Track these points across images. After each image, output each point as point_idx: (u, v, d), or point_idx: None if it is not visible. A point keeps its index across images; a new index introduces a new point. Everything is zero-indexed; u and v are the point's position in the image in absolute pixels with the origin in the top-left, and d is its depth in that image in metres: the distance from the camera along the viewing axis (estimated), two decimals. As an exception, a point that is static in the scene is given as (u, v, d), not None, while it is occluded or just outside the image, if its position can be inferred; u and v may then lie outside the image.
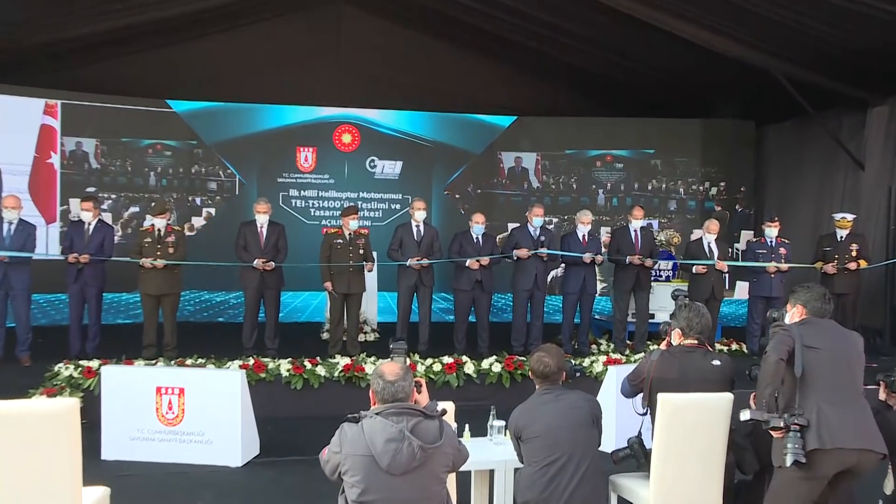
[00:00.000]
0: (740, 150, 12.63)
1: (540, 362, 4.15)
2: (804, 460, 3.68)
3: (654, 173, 13.02)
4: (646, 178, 13.02)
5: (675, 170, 12.95)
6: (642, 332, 8.84)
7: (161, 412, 5.83)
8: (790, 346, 3.81)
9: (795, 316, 4.12)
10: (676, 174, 12.92)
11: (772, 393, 3.77)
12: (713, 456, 4.14)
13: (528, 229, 8.69)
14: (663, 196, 12.93)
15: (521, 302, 8.67)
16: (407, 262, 8.36)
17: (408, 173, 12.63)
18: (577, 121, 12.88)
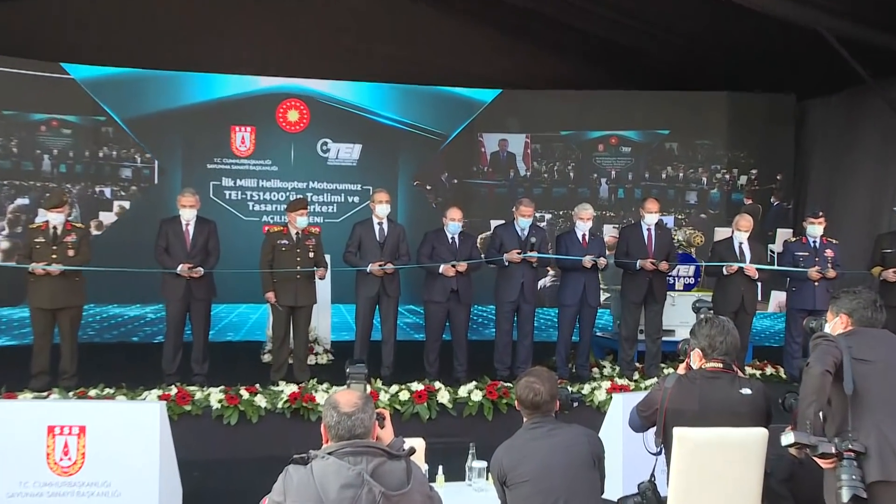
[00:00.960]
0: (776, 129, 12.74)
1: (529, 389, 4.16)
2: (864, 494, 3.66)
3: (669, 159, 13.14)
4: (659, 165, 13.13)
5: (695, 154, 13.08)
6: (655, 352, 8.92)
7: (54, 459, 5.55)
8: (836, 357, 3.82)
9: (838, 327, 4.15)
10: (697, 160, 13.04)
11: (816, 411, 3.73)
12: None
13: (514, 228, 8.73)
14: (681, 187, 13.06)
15: (506, 316, 8.70)
16: (367, 268, 8.37)
17: (368, 159, 12.63)
18: (574, 95, 12.96)
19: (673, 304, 9.33)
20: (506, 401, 7.67)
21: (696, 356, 4.42)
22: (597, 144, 13.18)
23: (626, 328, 8.93)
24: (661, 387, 4.36)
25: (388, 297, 8.50)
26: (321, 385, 7.74)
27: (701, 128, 12.97)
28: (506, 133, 13.11)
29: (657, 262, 8.71)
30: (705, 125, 12.94)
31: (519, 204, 8.83)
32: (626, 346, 8.94)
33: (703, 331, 4.43)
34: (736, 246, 8.89)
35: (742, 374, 4.48)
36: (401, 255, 8.58)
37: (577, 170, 13.18)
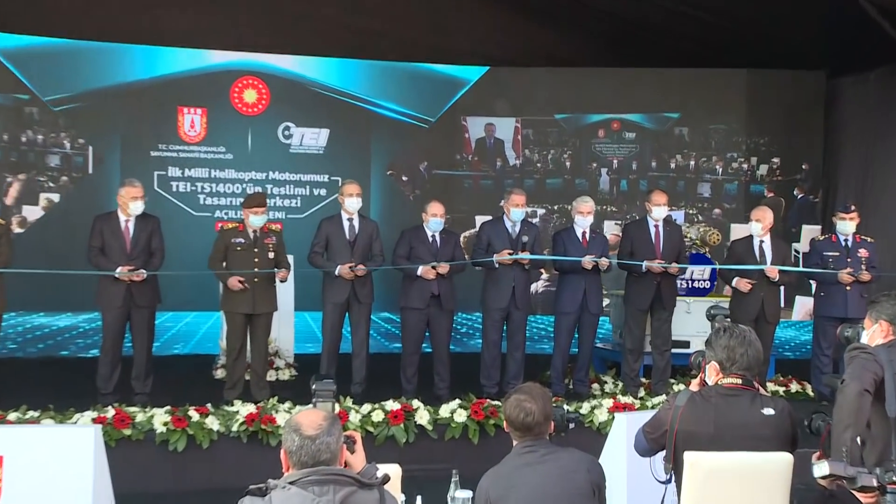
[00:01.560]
0: (803, 112, 12.79)
1: (520, 409, 4.15)
2: None
3: (679, 146, 13.20)
4: (668, 154, 13.19)
5: (708, 141, 13.14)
6: (663, 366, 8.95)
7: (-38, 496, 5.30)
8: (877, 373, 3.81)
9: (878, 336, 4.15)
10: (711, 147, 13.10)
11: (854, 437, 3.72)
12: (763, 541, 4.17)
13: (504, 224, 8.75)
14: (692, 178, 13.12)
15: (495, 325, 8.72)
16: (335, 271, 8.37)
17: (337, 146, 12.62)
18: (571, 74, 12.99)
19: (688, 311, 9.37)
20: (493, 422, 7.66)
21: (712, 370, 4.42)
22: (597, 130, 13.23)
23: (631, 339, 8.95)
24: (672, 405, 4.36)
25: (359, 304, 8.49)
26: (282, 404, 7.71)
27: (716, 110, 13.03)
28: (493, 117, 13.13)
29: (666, 263, 8.73)
30: (721, 107, 12.99)
31: (509, 195, 8.84)
32: (631, 358, 8.96)
33: (720, 341, 4.42)
34: (755, 245, 8.93)
35: (764, 391, 4.48)
36: (374, 256, 8.58)
37: (574, 158, 13.21)
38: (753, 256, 8.87)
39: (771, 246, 8.92)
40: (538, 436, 4.17)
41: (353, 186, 8.60)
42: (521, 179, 12.83)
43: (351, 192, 8.54)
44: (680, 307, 9.19)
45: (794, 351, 11.87)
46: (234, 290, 8.16)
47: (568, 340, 8.88)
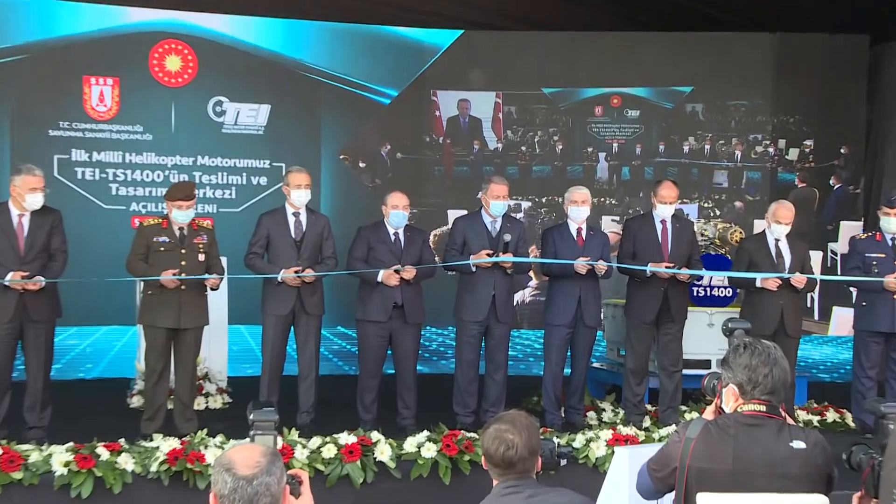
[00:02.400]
0: (842, 84, 12.89)
1: (500, 441, 4.14)
2: None
3: (692, 125, 13.27)
4: (678, 135, 13.25)
5: (727, 120, 13.23)
6: (672, 390, 8.97)
7: None
8: None
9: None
10: (731, 127, 13.19)
11: None
12: None
13: (482, 219, 8.78)
14: (707, 165, 13.21)
15: (471, 342, 8.73)
16: (278, 276, 8.36)
17: (280, 125, 12.59)
18: (562, 39, 13.02)
19: (710, 323, 9.42)
20: (469, 457, 7.63)
21: (730, 395, 4.43)
22: (593, 107, 13.27)
23: (634, 357, 8.97)
24: (682, 437, 4.37)
25: (307, 316, 8.48)
26: (213, 438, 7.65)
27: (737, 83, 13.10)
28: (468, 91, 13.15)
29: (676, 266, 8.76)
30: (743, 79, 13.06)
31: (488, 183, 8.83)
32: (633, 381, 8.97)
33: (739, 360, 4.43)
34: (771, 244, 8.99)
35: (792, 420, 4.50)
36: (325, 258, 8.59)
37: (565, 141, 13.25)
38: (768, 258, 8.93)
39: (788, 245, 9.00)
40: (523, 474, 4.17)
41: (300, 175, 8.58)
42: (502, 166, 12.91)
43: (298, 182, 8.52)
44: (698, 320, 9.26)
45: (830, 372, 11.94)
46: (170, 287, 8.10)
47: (559, 359, 8.89)
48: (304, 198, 8.54)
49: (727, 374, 4.44)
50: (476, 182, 10.68)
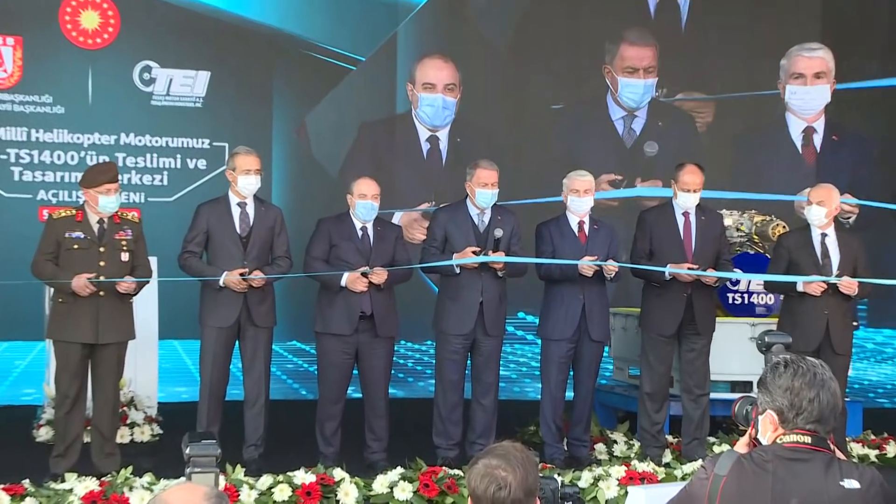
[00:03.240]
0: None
1: (490, 480, 4.12)
2: None
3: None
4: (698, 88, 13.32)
5: (760, 66, 13.25)
6: (698, 418, 9.00)
7: None
8: None
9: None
10: (761, 83, 13.24)
11: None
12: None
13: (467, 211, 8.81)
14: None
15: (454, 359, 8.75)
16: (221, 279, 8.35)
17: (222, 96, 12.52)
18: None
19: (752, 336, 9.40)
20: (452, 499, 7.66)
21: (768, 424, 4.42)
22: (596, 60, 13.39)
23: (651, 378, 8.98)
24: (710, 474, 4.37)
25: (255, 328, 8.49)
26: (140, 478, 7.65)
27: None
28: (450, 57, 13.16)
29: (701, 267, 8.79)
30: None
31: (473, 168, 8.85)
32: (651, 407, 8.99)
33: (778, 382, 4.42)
34: (815, 239, 8.98)
35: (844, 454, 4.49)
36: (277, 258, 8.60)
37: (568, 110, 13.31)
38: (811, 257, 8.93)
39: (837, 241, 8.97)
40: (516, 520, 4.16)
41: (247, 157, 8.57)
42: (491, 147, 12.79)
43: (245, 167, 8.50)
44: (734, 333, 9.29)
45: (891, 397, 11.96)
46: (85, 294, 8.06)
47: (561, 380, 8.90)
48: (252, 185, 8.53)
49: (764, 399, 4.43)
50: (460, 166, 10.60)
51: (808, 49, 13.55)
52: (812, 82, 13.65)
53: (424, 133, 13.21)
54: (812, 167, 13.67)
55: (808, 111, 13.75)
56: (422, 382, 11.32)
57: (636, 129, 13.68)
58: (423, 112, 13.08)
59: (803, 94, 13.67)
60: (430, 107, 13.10)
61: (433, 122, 13.12)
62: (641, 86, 13.51)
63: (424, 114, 13.08)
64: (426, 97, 13.08)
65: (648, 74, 13.51)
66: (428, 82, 13.08)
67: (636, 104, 13.53)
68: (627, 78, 13.51)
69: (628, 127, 13.65)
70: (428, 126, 13.16)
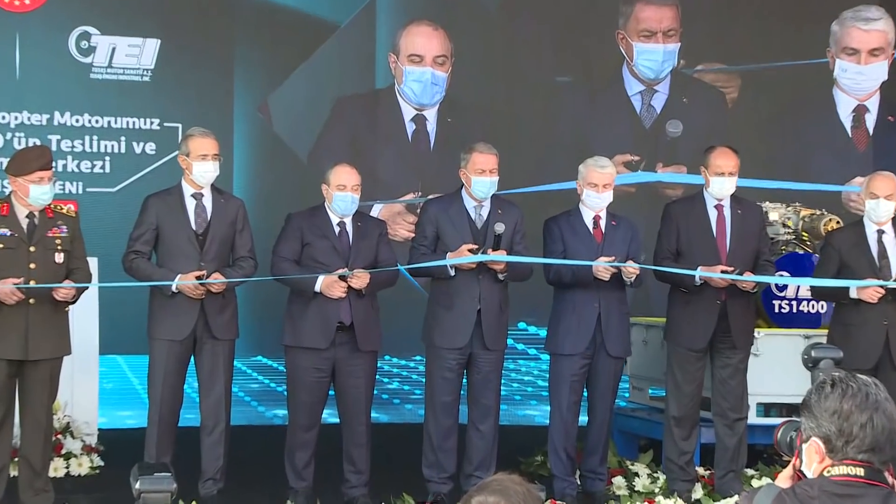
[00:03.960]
0: None
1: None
2: None
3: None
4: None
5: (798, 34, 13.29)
6: (734, 447, 8.99)
7: None
8: None
9: None
10: (803, 51, 13.30)
11: None
12: None
13: (462, 203, 8.83)
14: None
15: (448, 377, 8.74)
16: (173, 284, 8.32)
17: (175, 69, 12.49)
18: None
19: (761, 353, 9.41)
20: (445, 542, 7.66)
21: (814, 453, 4.40)
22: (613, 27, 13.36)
23: (679, 400, 8.98)
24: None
25: (213, 342, 8.47)
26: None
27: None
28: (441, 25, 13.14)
29: (735, 270, 8.76)
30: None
31: (469, 153, 8.83)
32: (679, 433, 8.98)
33: (826, 404, 4.39)
34: (871, 237, 8.98)
35: (908, 489, 4.50)
36: (239, 259, 8.60)
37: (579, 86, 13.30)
38: (865, 257, 8.91)
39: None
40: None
41: (203, 140, 8.56)
42: (488, 129, 12.77)
43: (202, 151, 8.49)
44: (780, 347, 9.30)
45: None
46: (10, 303, 8.03)
47: (573, 402, 8.89)
48: (209, 173, 8.52)
49: (809, 424, 4.40)
50: (453, 152, 10.58)
51: (865, 18, 13.31)
52: (867, 60, 13.43)
53: (409, 112, 13.11)
54: (864, 152, 13.57)
55: (861, 91, 13.60)
56: (409, 405, 11.31)
57: (656, 107, 13.49)
58: (409, 88, 13.01)
59: (855, 73, 13.49)
60: (416, 82, 13.02)
61: (420, 99, 13.04)
62: (660, 52, 13.28)
63: (410, 90, 13.01)
64: (412, 70, 13.01)
65: (668, 39, 13.28)
66: (414, 53, 13.00)
67: (655, 75, 13.32)
68: (644, 43, 13.27)
69: (647, 103, 13.48)
70: (414, 104, 13.06)
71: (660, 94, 13.46)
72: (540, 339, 10.77)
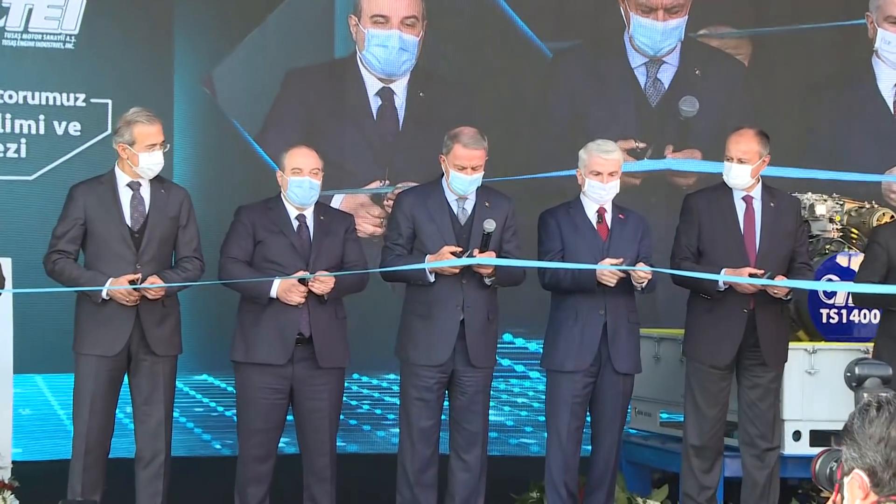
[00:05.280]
0: None
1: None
2: None
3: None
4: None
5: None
6: (764, 480, 8.99)
7: None
8: None
9: None
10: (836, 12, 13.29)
11: None
12: None
13: (443, 195, 8.85)
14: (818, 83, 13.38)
15: (426, 398, 8.74)
16: (103, 289, 8.25)
17: (104, 35, 12.42)
18: None
19: (794, 371, 9.35)
20: None
21: (857, 488, 4.34)
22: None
23: (699, 426, 8.98)
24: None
25: (152, 358, 8.42)
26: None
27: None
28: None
29: (767, 274, 8.72)
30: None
31: (451, 140, 8.81)
32: (699, 466, 8.98)
33: (870, 430, 4.33)
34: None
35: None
36: (183, 260, 8.56)
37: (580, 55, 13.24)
38: None
39: None
40: None
41: (152, 128, 8.52)
42: (469, 110, 12.73)
43: (149, 140, 8.44)
44: (825, 362, 9.26)
45: None
46: None
47: (574, 429, 8.88)
48: (158, 165, 8.49)
49: (851, 454, 4.33)
50: (434, 137, 10.50)
51: None
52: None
53: (374, 84, 13.01)
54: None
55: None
56: (381, 432, 11.25)
57: (664, 81, 13.38)
58: (372, 54, 12.92)
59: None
60: (380, 47, 12.90)
61: (386, 68, 12.92)
62: (659, 31, 13.15)
63: (373, 56, 12.91)
64: (376, 34, 12.89)
65: (671, 15, 13.01)
66: (379, 14, 12.92)
67: (653, 52, 13.25)
68: (642, 17, 13.09)
69: (653, 77, 13.37)
70: (379, 74, 12.95)
71: (668, 65, 13.33)
72: (528, 354, 10.76)
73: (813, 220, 9.77)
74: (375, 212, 11.62)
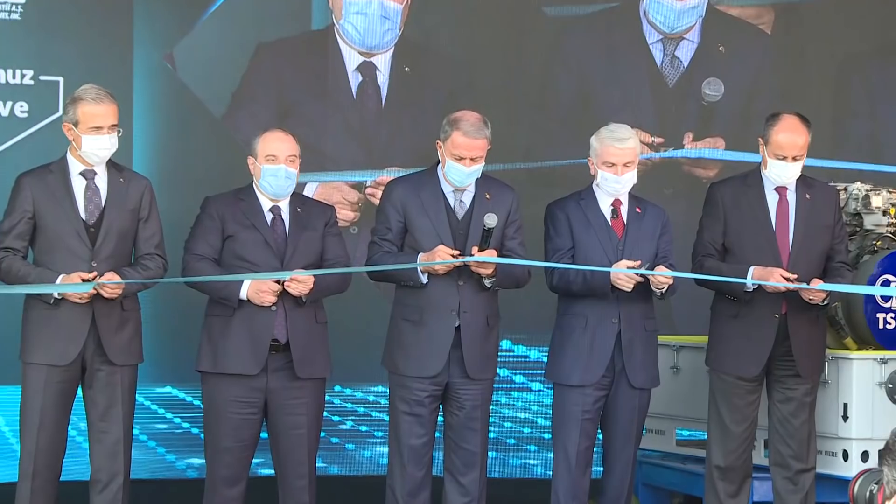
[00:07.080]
0: None
1: None
2: None
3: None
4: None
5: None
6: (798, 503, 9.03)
7: None
8: None
9: None
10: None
11: None
12: None
13: (438, 185, 8.84)
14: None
15: (417, 413, 8.73)
16: (54, 289, 8.22)
17: (54, 6, 12.39)
18: None
19: (830, 383, 9.37)
20: None
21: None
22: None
23: (725, 444, 9.00)
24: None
25: (109, 368, 8.40)
26: None
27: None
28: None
29: (800, 276, 8.75)
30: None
31: (450, 126, 8.78)
32: (725, 488, 9.00)
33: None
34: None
35: None
36: (143, 257, 8.54)
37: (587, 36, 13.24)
38: None
39: None
40: None
41: (98, 107, 8.46)
42: (468, 91, 12.73)
43: (95, 122, 8.40)
44: (869, 374, 9.22)
45: None
46: None
47: (585, 448, 8.89)
48: (104, 149, 8.47)
49: (892, 475, 4.39)
50: (431, 122, 10.50)
51: None
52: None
53: (354, 59, 12.98)
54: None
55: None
56: (367, 451, 11.24)
57: (683, 59, 13.37)
58: (350, 24, 12.90)
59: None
60: (359, 14, 12.86)
61: (366, 40, 12.88)
62: (676, 10, 13.12)
63: (352, 26, 12.89)
64: (356, 1, 12.94)
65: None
66: (357, -25, 12.97)
67: (669, 29, 13.25)
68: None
69: (670, 55, 13.34)
70: (358, 47, 12.92)
71: (688, 42, 13.30)
72: (530, 364, 10.78)
73: (867, 214, 9.73)
74: (353, 197, 11.61)
